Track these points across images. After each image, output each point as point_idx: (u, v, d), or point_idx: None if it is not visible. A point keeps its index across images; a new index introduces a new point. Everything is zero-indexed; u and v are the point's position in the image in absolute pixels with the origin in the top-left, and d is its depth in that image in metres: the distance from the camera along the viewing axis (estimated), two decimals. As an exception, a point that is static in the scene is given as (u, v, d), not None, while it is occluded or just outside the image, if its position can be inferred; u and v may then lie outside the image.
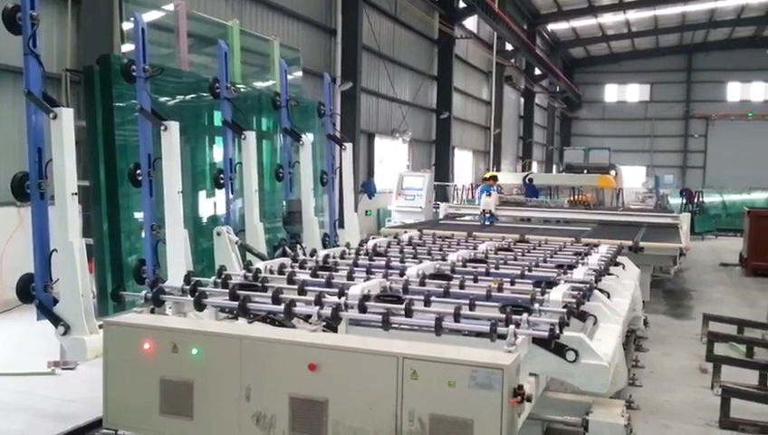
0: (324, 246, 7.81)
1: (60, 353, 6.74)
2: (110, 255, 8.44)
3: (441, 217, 14.44)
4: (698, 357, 8.04)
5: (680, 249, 9.44)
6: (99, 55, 9.32)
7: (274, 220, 9.64)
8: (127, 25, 10.65)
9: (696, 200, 25.97)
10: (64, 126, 5.02)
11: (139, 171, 6.02)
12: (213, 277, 4.85)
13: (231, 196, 7.25)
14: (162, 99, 9.99)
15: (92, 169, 9.26)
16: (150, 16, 11.89)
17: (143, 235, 6.06)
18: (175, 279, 5.18)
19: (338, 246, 7.53)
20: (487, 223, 12.01)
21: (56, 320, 4.88)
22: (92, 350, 4.55)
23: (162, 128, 5.93)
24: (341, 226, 8.56)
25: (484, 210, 12.39)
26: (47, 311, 4.90)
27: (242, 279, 4.88)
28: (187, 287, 4.46)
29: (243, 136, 7.28)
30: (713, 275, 15.68)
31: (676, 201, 26.43)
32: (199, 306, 4.24)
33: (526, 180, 22.65)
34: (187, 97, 10.53)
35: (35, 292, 4.97)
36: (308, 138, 8.39)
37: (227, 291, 4.39)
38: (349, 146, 8.84)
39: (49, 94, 5.21)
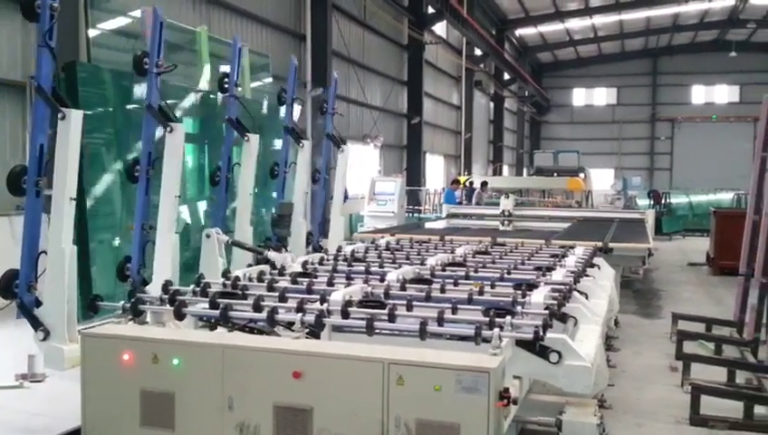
0: (307, 244, 7.74)
1: (27, 366, 6.60)
2: (77, 263, 8.30)
3: (444, 216, 14.96)
4: (668, 355, 8.14)
5: (648, 249, 9.58)
6: (64, 62, 9.18)
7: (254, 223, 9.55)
8: (93, 32, 10.52)
9: (663, 201, 26.38)
10: (72, 129, 4.84)
11: (137, 168, 5.83)
12: (191, 286, 4.79)
13: (225, 194, 7.10)
14: (130, 106, 9.90)
15: (60, 178, 9.12)
16: (117, 23, 11.77)
17: (133, 232, 5.87)
18: (159, 283, 5.08)
19: (321, 247, 7.48)
20: (507, 222, 12.67)
21: (36, 323, 4.72)
22: (70, 360, 4.43)
23: (168, 129, 5.75)
24: (324, 234, 8.45)
25: (503, 211, 13.31)
26: (28, 312, 4.74)
27: (221, 287, 4.82)
28: (166, 296, 4.40)
29: (246, 138, 7.11)
30: (681, 275, 15.91)
31: (643, 202, 26.81)
32: (179, 316, 4.18)
33: (466, 184, 22.81)
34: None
35: (18, 290, 4.80)
36: (307, 141, 8.27)
37: (207, 299, 4.34)
38: (346, 148, 8.80)
39: (60, 94, 4.98)
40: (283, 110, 9.68)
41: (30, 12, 4.91)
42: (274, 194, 10.24)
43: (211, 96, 11.48)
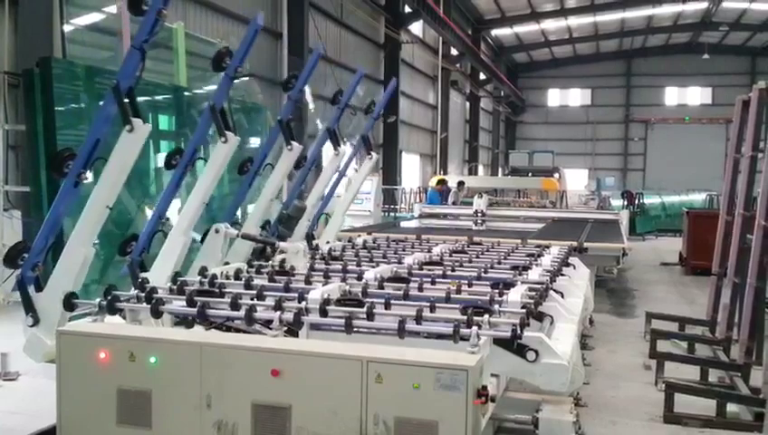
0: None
1: (0, 364, 6.53)
2: (52, 262, 8.20)
3: (416, 215, 14.81)
4: (642, 354, 8.25)
5: (623, 249, 9.69)
6: (39, 58, 9.05)
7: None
8: (67, 28, 10.39)
9: (636, 202, 26.68)
10: (136, 142, 4.70)
11: (178, 157, 5.69)
12: (168, 284, 4.76)
13: (247, 189, 7.03)
14: (96, 104, 9.78)
15: (33, 175, 8.99)
16: (91, 18, 11.64)
17: (149, 216, 5.76)
18: (156, 277, 5.04)
19: (313, 235, 7.44)
20: (480, 222, 12.46)
21: (29, 307, 4.62)
22: (49, 354, 4.34)
23: (222, 139, 5.64)
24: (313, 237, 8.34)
25: (476, 210, 13.06)
26: (24, 290, 4.64)
27: (197, 285, 4.79)
28: (142, 295, 4.36)
29: (289, 146, 6.95)
30: (654, 275, 16.10)
31: (617, 203, 27.09)
32: (156, 314, 4.14)
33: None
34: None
35: (23, 264, 4.68)
36: (342, 148, 8.19)
37: (184, 298, 4.31)
38: (374, 156, 8.87)
39: (135, 101, 4.74)
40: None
41: (135, 6, 4.67)
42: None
43: (186, 93, 11.38)
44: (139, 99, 10.25)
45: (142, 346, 3.74)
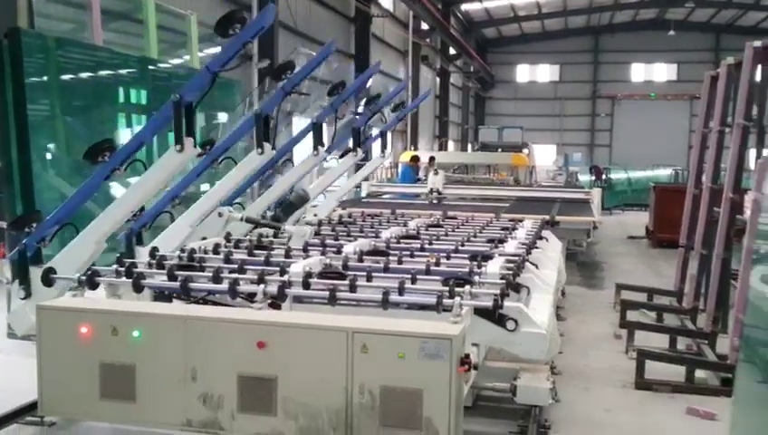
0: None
1: (-22, 342, 6.48)
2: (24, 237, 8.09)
3: (363, 195, 14.16)
4: (612, 324, 8.47)
5: (593, 222, 9.86)
6: (7, 28, 8.84)
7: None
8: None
9: (603, 177, 27.07)
10: (181, 161, 4.61)
11: (208, 148, 5.63)
12: (147, 259, 4.73)
13: (259, 176, 6.99)
14: (74, 76, 9.61)
15: (3, 149, 8.82)
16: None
17: (162, 195, 5.70)
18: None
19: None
20: (435, 201, 12.09)
21: (24, 279, 4.56)
22: (32, 329, 4.29)
23: (258, 150, 5.53)
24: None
25: (431, 189, 12.48)
26: (24, 260, 4.56)
27: (177, 260, 4.77)
28: (122, 269, 4.34)
29: (315, 151, 6.76)
30: (622, 248, 16.45)
31: (585, 178, 27.45)
32: (137, 288, 4.13)
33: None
34: (100, 73, 10.18)
35: (29, 233, 4.59)
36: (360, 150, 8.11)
37: (164, 272, 4.29)
38: (388, 153, 8.88)
39: (192, 122, 4.58)
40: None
41: (223, 27, 4.53)
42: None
43: (159, 65, 11.22)
44: (107, 72, 10.14)
45: (125, 320, 3.73)
